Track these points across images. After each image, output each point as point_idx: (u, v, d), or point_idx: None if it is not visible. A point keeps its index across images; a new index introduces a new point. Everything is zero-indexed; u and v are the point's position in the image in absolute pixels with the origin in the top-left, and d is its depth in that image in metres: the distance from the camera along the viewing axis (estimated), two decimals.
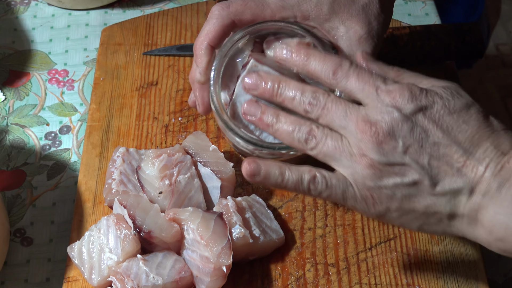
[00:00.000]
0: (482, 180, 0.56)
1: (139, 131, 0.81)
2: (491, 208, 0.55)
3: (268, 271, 0.70)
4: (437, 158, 0.56)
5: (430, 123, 0.57)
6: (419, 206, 0.57)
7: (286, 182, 0.59)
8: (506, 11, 2.02)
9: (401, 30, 0.83)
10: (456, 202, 0.56)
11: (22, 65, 0.90)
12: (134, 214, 0.67)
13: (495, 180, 0.55)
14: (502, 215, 0.55)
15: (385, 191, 0.57)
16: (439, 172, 0.56)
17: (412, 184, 0.56)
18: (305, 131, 0.59)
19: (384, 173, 0.56)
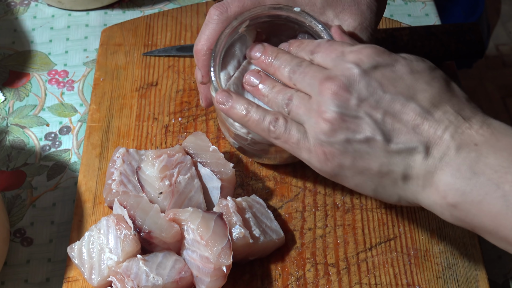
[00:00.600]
0: (440, 142, 0.54)
1: (139, 132, 0.81)
2: (448, 171, 0.54)
3: (268, 271, 0.70)
4: (393, 115, 0.55)
5: (389, 79, 0.56)
6: (373, 164, 0.56)
7: (249, 117, 0.61)
8: (506, 11, 2.02)
9: (401, 30, 0.84)
10: (411, 162, 0.55)
11: (22, 66, 0.90)
12: (134, 214, 0.67)
13: (454, 143, 0.54)
14: (459, 179, 0.53)
15: (337, 146, 0.56)
16: (393, 129, 0.55)
17: (364, 140, 0.56)
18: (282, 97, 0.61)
19: (336, 127, 0.56)
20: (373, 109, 0.55)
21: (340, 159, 0.57)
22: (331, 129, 0.56)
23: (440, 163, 0.54)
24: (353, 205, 0.74)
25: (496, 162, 0.52)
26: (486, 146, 0.53)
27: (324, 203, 0.74)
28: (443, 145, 0.54)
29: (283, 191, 0.75)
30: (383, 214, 0.73)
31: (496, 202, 0.52)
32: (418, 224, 0.73)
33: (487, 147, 0.53)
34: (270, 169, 0.77)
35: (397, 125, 0.55)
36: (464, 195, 0.53)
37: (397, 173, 0.56)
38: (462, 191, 0.53)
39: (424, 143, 0.55)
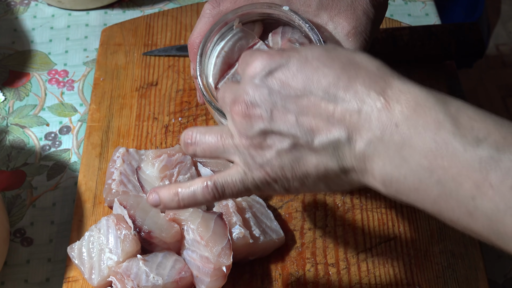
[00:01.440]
0: (360, 126, 0.51)
1: (139, 132, 0.81)
2: (377, 159, 0.51)
3: (268, 271, 0.70)
4: (304, 113, 0.53)
5: (287, 79, 0.53)
6: (310, 167, 0.54)
7: (183, 200, 0.58)
8: (506, 11, 2.02)
9: (401, 30, 0.84)
10: (341, 154, 0.52)
11: (22, 66, 0.90)
12: (134, 214, 0.67)
13: (375, 126, 0.50)
14: (390, 166, 0.50)
15: (274, 163, 0.55)
16: (311, 128, 0.53)
17: (291, 148, 0.54)
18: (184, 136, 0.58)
19: (264, 146, 0.54)
20: (285, 115, 0.53)
21: (282, 174, 0.55)
22: (260, 151, 0.55)
23: (367, 150, 0.51)
24: (353, 205, 0.74)
25: (423, 144, 0.49)
26: (408, 127, 0.50)
27: (324, 203, 0.74)
28: (363, 131, 0.51)
29: None
30: (383, 214, 0.73)
31: (433, 188, 0.49)
32: (418, 224, 0.73)
33: (409, 127, 0.50)
34: None
35: (312, 121, 0.52)
36: (399, 182, 0.51)
37: (335, 169, 0.53)
38: (396, 178, 0.50)
39: (345, 133, 0.51)
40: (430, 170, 0.49)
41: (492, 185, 0.47)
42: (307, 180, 0.55)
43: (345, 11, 0.65)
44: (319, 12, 0.66)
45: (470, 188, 0.48)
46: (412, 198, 0.51)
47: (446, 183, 0.49)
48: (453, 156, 0.48)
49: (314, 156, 0.53)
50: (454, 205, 0.49)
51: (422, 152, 0.49)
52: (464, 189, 0.48)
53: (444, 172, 0.49)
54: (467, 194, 0.48)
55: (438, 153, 0.49)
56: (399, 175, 0.50)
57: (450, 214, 0.50)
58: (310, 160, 0.54)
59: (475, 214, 0.48)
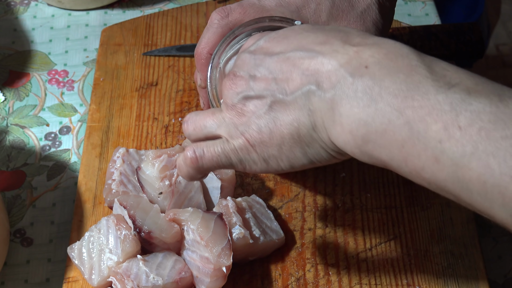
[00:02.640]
0: (330, 72, 0.51)
1: (139, 132, 0.81)
2: (345, 102, 0.50)
3: (268, 271, 0.70)
4: (283, 72, 0.54)
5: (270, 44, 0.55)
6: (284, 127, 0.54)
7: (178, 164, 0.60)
8: (506, 11, 2.02)
9: (401, 30, 0.84)
10: (310, 106, 0.53)
11: (22, 66, 0.90)
12: (134, 214, 0.67)
13: (343, 70, 0.50)
14: (358, 108, 0.50)
15: (253, 127, 0.55)
16: (286, 82, 0.53)
17: (269, 108, 0.54)
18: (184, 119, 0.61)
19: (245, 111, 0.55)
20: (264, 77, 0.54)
21: (260, 138, 0.55)
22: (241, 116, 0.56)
23: (335, 95, 0.51)
24: (353, 205, 0.74)
25: (393, 85, 0.49)
26: (379, 68, 0.50)
27: (324, 203, 0.74)
28: (333, 76, 0.51)
29: (283, 191, 0.75)
30: (383, 214, 0.73)
31: (401, 130, 0.48)
32: (418, 224, 0.73)
33: (380, 69, 0.50)
34: None
35: (289, 79, 0.53)
36: (367, 125, 0.50)
37: (306, 125, 0.53)
38: (364, 121, 0.50)
39: (315, 81, 0.52)
40: (399, 111, 0.48)
41: (460, 127, 0.46)
42: (284, 145, 0.55)
43: (355, 21, 0.65)
44: (329, 23, 0.66)
45: (438, 130, 0.47)
46: (379, 143, 0.50)
47: (415, 124, 0.48)
48: (424, 97, 0.48)
49: (288, 112, 0.54)
50: (421, 149, 0.48)
51: (392, 92, 0.49)
52: (432, 131, 0.47)
53: (414, 113, 0.48)
54: (435, 137, 0.47)
55: (409, 94, 0.48)
56: (367, 116, 0.50)
57: (415, 162, 0.49)
58: (285, 119, 0.54)
59: (441, 159, 0.47)
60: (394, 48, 0.51)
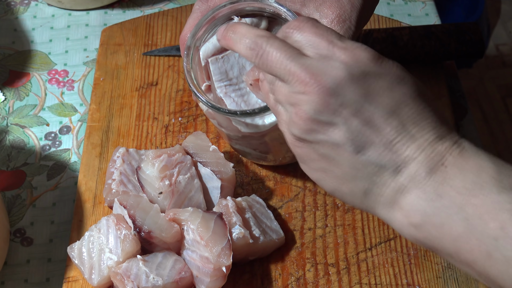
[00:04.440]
0: (413, 162, 0.52)
1: (139, 132, 0.81)
2: (414, 192, 0.52)
3: (268, 271, 0.70)
4: (371, 126, 0.52)
5: (375, 90, 0.53)
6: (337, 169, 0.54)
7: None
8: (506, 11, 2.02)
9: (401, 30, 0.84)
10: (377, 179, 0.53)
11: (22, 66, 0.90)
12: (134, 214, 0.67)
13: (425, 165, 0.51)
14: (423, 201, 0.51)
15: (307, 142, 0.54)
16: (366, 141, 0.52)
17: (333, 146, 0.53)
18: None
19: (309, 128, 0.53)
20: (352, 116, 0.52)
21: (308, 152, 0.55)
22: (303, 128, 0.54)
23: (407, 184, 0.52)
24: None
25: (461, 184, 0.51)
26: (453, 168, 0.51)
27: (324, 203, 0.74)
28: (413, 165, 0.52)
29: (283, 191, 0.75)
30: None
31: (458, 225, 0.50)
32: None
33: (453, 168, 0.51)
34: (270, 169, 0.77)
35: (372, 137, 0.52)
36: (426, 216, 0.52)
37: (359, 186, 0.54)
38: (424, 212, 0.51)
39: (395, 163, 0.52)
40: (460, 207, 0.50)
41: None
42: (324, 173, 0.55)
43: (330, 0, 0.65)
44: (305, 3, 0.66)
45: (495, 228, 0.48)
46: (433, 234, 0.52)
47: (473, 220, 0.49)
48: (486, 196, 0.50)
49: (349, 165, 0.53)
50: (475, 245, 0.49)
51: (458, 190, 0.51)
52: (489, 228, 0.49)
53: (473, 210, 0.50)
54: (491, 234, 0.49)
55: (473, 192, 0.50)
56: (428, 209, 0.51)
57: (467, 256, 0.50)
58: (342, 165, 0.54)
59: (494, 256, 0.49)
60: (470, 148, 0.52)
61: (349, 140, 0.52)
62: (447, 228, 0.51)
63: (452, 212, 0.50)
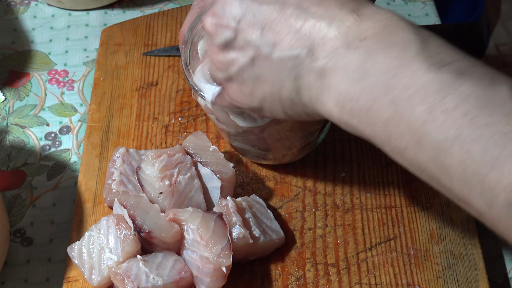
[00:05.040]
0: (325, 41, 0.49)
1: (139, 132, 0.81)
2: (336, 74, 0.49)
3: (268, 271, 0.70)
4: (271, 26, 0.51)
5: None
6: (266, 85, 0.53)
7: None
8: (506, 11, 2.02)
9: None
10: (298, 71, 0.51)
11: (22, 66, 0.90)
12: (134, 214, 0.67)
13: (340, 40, 0.48)
14: (347, 81, 0.48)
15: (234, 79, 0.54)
16: (275, 40, 0.51)
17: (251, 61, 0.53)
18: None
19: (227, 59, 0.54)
20: (251, 27, 0.52)
21: (242, 89, 0.55)
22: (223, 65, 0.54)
23: (327, 65, 0.49)
24: (353, 205, 0.74)
25: (386, 60, 0.47)
26: (376, 41, 0.48)
27: (324, 203, 0.74)
28: (328, 44, 0.49)
29: (283, 191, 0.75)
30: (383, 214, 0.73)
31: (386, 109, 0.47)
32: (418, 224, 0.73)
33: (377, 42, 0.48)
34: (270, 169, 0.77)
35: (278, 35, 0.51)
36: (353, 100, 0.48)
37: (289, 88, 0.52)
38: (351, 95, 0.48)
39: (308, 46, 0.50)
40: (386, 88, 0.47)
41: (445, 110, 0.45)
42: (266, 100, 0.55)
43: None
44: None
45: (423, 112, 0.46)
46: (364, 120, 0.49)
47: (400, 103, 0.47)
48: (413, 75, 0.47)
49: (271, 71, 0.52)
50: (404, 130, 0.47)
51: (384, 68, 0.47)
52: (416, 112, 0.46)
53: (400, 92, 0.47)
54: (419, 118, 0.46)
55: (399, 71, 0.47)
56: (355, 91, 0.48)
57: (398, 142, 0.47)
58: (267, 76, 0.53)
59: (423, 141, 0.46)
60: (393, 20, 0.49)
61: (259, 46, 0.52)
62: (375, 112, 0.48)
63: (378, 94, 0.47)
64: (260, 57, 0.52)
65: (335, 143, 0.79)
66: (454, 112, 0.45)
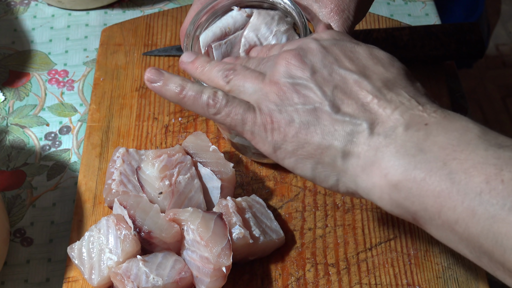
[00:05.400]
0: (388, 120, 0.52)
1: (139, 132, 0.81)
2: (392, 148, 0.50)
3: (268, 271, 0.70)
4: (344, 90, 0.54)
5: (346, 56, 0.55)
6: (315, 136, 0.54)
7: (185, 94, 0.58)
8: (506, 11, 2.02)
9: (401, 30, 0.84)
10: (354, 138, 0.52)
11: (22, 66, 0.90)
12: (134, 214, 0.67)
13: (402, 121, 0.51)
14: (403, 155, 0.50)
15: (285, 115, 0.55)
16: (342, 100, 0.54)
17: (312, 110, 0.54)
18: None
19: (287, 95, 0.55)
20: (325, 82, 0.54)
21: (285, 129, 0.55)
22: (282, 98, 0.55)
23: (384, 141, 0.51)
24: (353, 205, 0.74)
25: (445, 140, 0.49)
26: (436, 127, 0.50)
27: (324, 203, 0.74)
28: (390, 122, 0.51)
29: (283, 191, 0.75)
30: (383, 214, 0.73)
31: (441, 180, 0.48)
32: None
33: (438, 127, 0.50)
34: (270, 169, 0.77)
35: (346, 99, 0.54)
36: (406, 171, 0.49)
37: (338, 148, 0.53)
38: (405, 167, 0.49)
39: (370, 120, 0.52)
40: (443, 162, 0.48)
41: (503, 180, 0.46)
42: (302, 149, 0.55)
43: None
44: None
45: (480, 182, 0.46)
46: (414, 191, 0.49)
47: (457, 175, 0.47)
48: (472, 152, 0.48)
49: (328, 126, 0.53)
50: (458, 200, 0.47)
51: (442, 145, 0.49)
52: (473, 182, 0.47)
53: (458, 165, 0.48)
54: (475, 188, 0.47)
55: (458, 148, 0.48)
56: (409, 164, 0.49)
57: (450, 214, 0.48)
58: (321, 129, 0.54)
59: (478, 211, 0.46)
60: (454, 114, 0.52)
61: (326, 101, 0.54)
62: (429, 184, 0.48)
63: (435, 166, 0.48)
64: (322, 110, 0.54)
65: None
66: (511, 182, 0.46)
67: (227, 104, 0.57)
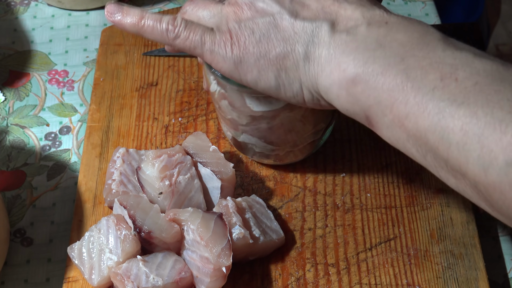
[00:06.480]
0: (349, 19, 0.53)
1: (139, 132, 0.81)
2: (352, 45, 0.51)
3: (268, 271, 0.70)
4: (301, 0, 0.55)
5: None
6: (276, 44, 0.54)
7: (144, 23, 0.59)
8: (506, 11, 2.02)
9: None
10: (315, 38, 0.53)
11: (22, 66, 0.90)
12: (134, 214, 0.67)
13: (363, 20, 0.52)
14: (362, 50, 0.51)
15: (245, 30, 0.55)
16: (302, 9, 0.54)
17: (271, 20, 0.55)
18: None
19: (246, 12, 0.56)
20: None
21: (245, 42, 0.55)
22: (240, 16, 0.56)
23: (346, 37, 0.52)
24: (353, 205, 0.74)
25: (405, 38, 0.50)
26: (397, 26, 0.51)
27: (324, 203, 0.74)
28: (351, 22, 0.52)
29: (283, 191, 0.75)
30: (383, 214, 0.73)
31: (397, 74, 0.49)
32: (418, 224, 0.73)
33: (398, 26, 0.51)
34: (270, 169, 0.77)
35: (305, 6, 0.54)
36: (365, 65, 0.50)
37: (300, 51, 0.54)
38: (364, 61, 0.50)
39: (331, 20, 0.53)
40: (402, 58, 0.49)
41: (457, 79, 0.47)
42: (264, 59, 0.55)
43: None
44: None
45: (434, 79, 0.47)
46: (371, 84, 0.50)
47: (413, 71, 0.48)
48: (431, 51, 0.49)
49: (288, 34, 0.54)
50: (410, 95, 0.48)
51: (402, 42, 0.50)
52: (428, 79, 0.48)
53: (415, 62, 0.49)
54: (429, 84, 0.48)
55: (417, 46, 0.49)
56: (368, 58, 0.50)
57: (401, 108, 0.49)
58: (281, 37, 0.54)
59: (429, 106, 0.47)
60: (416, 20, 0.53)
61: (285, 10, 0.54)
62: (385, 77, 0.49)
63: (393, 61, 0.49)
64: (282, 18, 0.54)
65: (335, 143, 0.79)
66: (465, 81, 0.47)
67: (186, 27, 0.57)
